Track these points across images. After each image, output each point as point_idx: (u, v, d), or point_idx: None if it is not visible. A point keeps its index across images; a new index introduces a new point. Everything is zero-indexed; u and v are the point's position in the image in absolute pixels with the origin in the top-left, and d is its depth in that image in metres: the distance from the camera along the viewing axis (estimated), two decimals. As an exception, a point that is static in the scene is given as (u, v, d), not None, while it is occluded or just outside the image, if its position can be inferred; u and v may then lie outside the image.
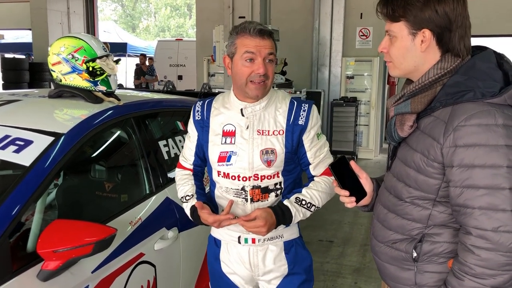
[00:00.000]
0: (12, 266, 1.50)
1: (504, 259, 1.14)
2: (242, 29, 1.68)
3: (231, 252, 1.84)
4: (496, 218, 1.14)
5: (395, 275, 1.39)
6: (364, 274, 3.79)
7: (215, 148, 1.76)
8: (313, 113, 1.77)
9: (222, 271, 1.88)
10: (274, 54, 1.70)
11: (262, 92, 1.70)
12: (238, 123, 1.74)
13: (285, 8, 8.46)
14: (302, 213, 1.73)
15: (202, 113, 1.82)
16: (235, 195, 1.76)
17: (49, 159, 1.73)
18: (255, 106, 1.74)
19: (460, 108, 1.20)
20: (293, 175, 1.81)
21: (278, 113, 1.75)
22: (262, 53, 1.65)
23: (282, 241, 1.82)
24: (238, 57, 1.68)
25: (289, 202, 1.72)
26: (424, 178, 1.27)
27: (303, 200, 1.73)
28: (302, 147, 1.77)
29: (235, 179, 1.74)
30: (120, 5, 33.01)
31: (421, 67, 1.30)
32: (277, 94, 1.81)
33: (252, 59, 1.65)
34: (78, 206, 2.17)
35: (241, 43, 1.67)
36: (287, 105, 1.77)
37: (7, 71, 10.99)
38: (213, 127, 1.78)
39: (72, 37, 2.27)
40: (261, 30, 1.66)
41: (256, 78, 1.66)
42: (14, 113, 2.06)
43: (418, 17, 1.25)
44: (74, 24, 11.57)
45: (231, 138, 1.74)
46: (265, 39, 1.67)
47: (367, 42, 8.41)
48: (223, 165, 1.75)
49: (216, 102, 1.83)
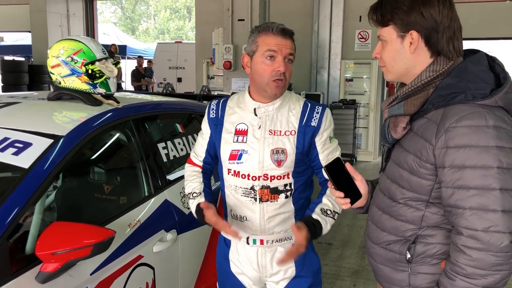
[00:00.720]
0: (11, 268, 1.50)
1: (495, 259, 1.15)
2: (264, 28, 1.70)
3: (240, 252, 1.85)
4: (486, 218, 1.15)
5: (389, 277, 1.41)
6: (363, 276, 3.80)
7: (226, 146, 1.78)
8: (326, 116, 1.78)
9: (230, 270, 1.89)
10: (294, 55, 1.72)
11: (280, 91, 1.72)
12: (251, 123, 1.76)
13: (284, 10, 8.49)
14: (330, 223, 1.75)
15: (217, 111, 1.84)
16: (244, 194, 1.77)
17: (48, 162, 1.74)
18: (268, 107, 1.75)
19: (452, 110, 1.22)
20: (304, 177, 1.81)
21: (291, 114, 1.76)
22: (283, 51, 1.67)
23: (291, 243, 1.82)
24: (259, 55, 1.69)
25: (317, 215, 1.72)
26: (417, 179, 1.29)
27: (327, 210, 1.75)
28: (314, 149, 1.77)
29: (245, 178, 1.75)
30: (120, 8, 33.04)
31: (413, 70, 1.32)
32: (291, 95, 1.82)
33: (273, 57, 1.67)
34: (77, 208, 2.18)
35: (263, 41, 1.69)
36: (301, 106, 1.78)
37: (7, 73, 11.01)
38: (227, 126, 1.80)
39: (71, 39, 2.28)
40: (283, 29, 1.69)
41: (277, 77, 1.67)
42: (14, 116, 2.07)
43: (404, 20, 1.28)
44: (73, 26, 11.60)
45: (243, 137, 1.75)
46: (287, 39, 1.69)
47: (366, 44, 8.44)
48: (234, 163, 1.76)
49: (231, 101, 1.85)
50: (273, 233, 1.79)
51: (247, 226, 1.79)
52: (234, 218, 1.83)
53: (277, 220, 1.78)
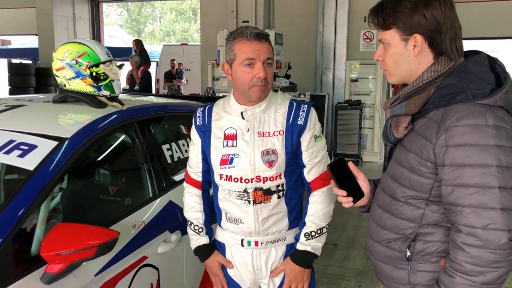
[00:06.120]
0: (16, 269, 1.52)
1: (493, 256, 1.16)
2: (239, 34, 1.69)
3: (234, 255, 1.86)
4: (485, 216, 1.16)
5: (390, 275, 1.42)
6: (368, 277, 3.79)
7: (217, 152, 1.78)
8: (311, 114, 1.78)
9: (227, 273, 1.90)
10: (272, 58, 1.72)
11: (264, 94, 1.72)
12: (239, 126, 1.76)
13: (289, 11, 8.49)
14: (320, 241, 1.80)
15: (203, 119, 1.84)
16: (238, 197, 1.77)
17: (53, 164, 1.75)
18: (255, 109, 1.75)
19: (452, 109, 1.23)
20: (295, 176, 1.82)
21: (278, 114, 1.77)
22: (261, 57, 1.67)
23: (285, 244, 1.84)
24: (238, 64, 1.69)
25: (302, 244, 1.78)
26: (418, 177, 1.30)
27: (311, 232, 1.78)
28: (299, 147, 1.78)
29: (238, 181, 1.75)
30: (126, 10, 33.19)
31: (416, 71, 1.33)
32: (276, 96, 1.83)
33: (252, 64, 1.67)
34: (82, 210, 2.20)
35: (240, 49, 1.68)
36: (287, 106, 1.78)
37: (14, 76, 11.07)
38: (215, 132, 1.80)
39: (76, 42, 2.30)
40: (258, 34, 1.68)
41: (258, 83, 1.67)
42: (19, 118, 2.09)
43: (407, 23, 1.29)
44: (79, 29, 11.66)
45: (233, 141, 1.76)
46: (263, 43, 1.68)
47: (371, 45, 8.41)
48: (225, 168, 1.76)
49: (216, 107, 1.85)
50: (267, 234, 1.80)
51: (242, 228, 1.80)
52: (229, 221, 1.83)
53: (271, 221, 1.79)
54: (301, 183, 1.87)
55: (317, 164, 1.79)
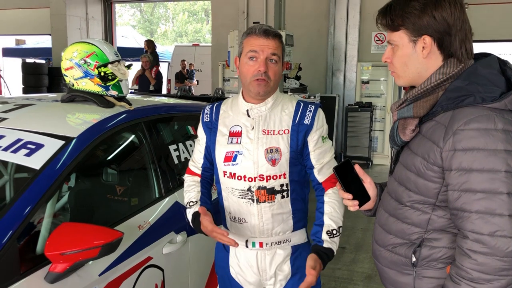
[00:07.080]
0: (20, 268, 1.52)
1: (501, 264, 1.13)
2: (249, 30, 1.74)
3: (239, 256, 1.85)
4: (493, 222, 1.13)
5: (395, 280, 1.39)
6: (376, 281, 3.75)
7: (221, 148, 1.78)
8: (319, 115, 1.78)
9: (231, 275, 1.89)
10: (279, 55, 1.72)
11: (263, 89, 1.71)
12: (244, 124, 1.77)
13: (300, 13, 8.47)
14: (338, 241, 1.75)
15: (211, 115, 1.86)
16: (240, 196, 1.76)
17: (59, 163, 1.76)
18: (261, 107, 1.76)
19: (460, 113, 1.20)
20: (300, 177, 1.81)
21: (284, 114, 1.77)
22: (265, 52, 1.68)
23: (290, 246, 1.83)
24: (243, 56, 1.73)
25: (328, 242, 1.71)
26: (424, 181, 1.27)
27: (333, 230, 1.74)
28: (306, 148, 1.77)
29: (241, 179, 1.75)
30: (139, 11, 33.41)
31: (424, 73, 1.30)
32: (284, 96, 1.83)
33: (255, 58, 1.69)
34: (88, 210, 2.20)
35: (247, 43, 1.72)
36: (294, 106, 1.79)
37: (28, 75, 11.19)
38: (221, 129, 1.81)
39: (85, 42, 2.31)
40: (266, 30, 1.70)
41: (258, 76, 1.68)
42: (27, 117, 2.10)
43: (416, 24, 1.26)
44: (92, 29, 11.75)
45: (237, 138, 1.76)
46: (270, 39, 1.69)
47: (382, 47, 8.35)
48: (229, 165, 1.76)
49: (224, 105, 1.87)
50: (272, 234, 1.79)
51: (246, 229, 1.79)
52: (233, 220, 1.82)
53: (275, 221, 1.78)
54: (306, 185, 1.85)
55: (327, 165, 1.78)
